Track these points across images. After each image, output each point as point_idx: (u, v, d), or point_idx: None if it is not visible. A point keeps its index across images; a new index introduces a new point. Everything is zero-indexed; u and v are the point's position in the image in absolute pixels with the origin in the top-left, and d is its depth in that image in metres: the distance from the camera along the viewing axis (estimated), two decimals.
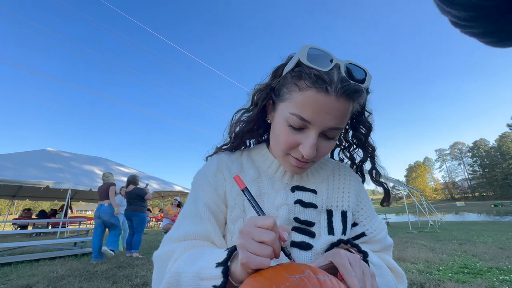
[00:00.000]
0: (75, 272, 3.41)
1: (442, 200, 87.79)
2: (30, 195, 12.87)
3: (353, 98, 0.47)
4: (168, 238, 0.54)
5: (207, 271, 0.41)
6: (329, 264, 0.44)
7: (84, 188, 9.28)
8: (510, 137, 70.96)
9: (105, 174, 4.94)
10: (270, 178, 0.60)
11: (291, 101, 0.50)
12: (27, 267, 3.83)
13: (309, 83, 0.46)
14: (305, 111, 0.47)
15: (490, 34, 0.28)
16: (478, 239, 6.41)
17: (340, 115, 0.48)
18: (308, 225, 0.55)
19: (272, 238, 0.36)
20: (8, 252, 4.76)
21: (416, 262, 3.78)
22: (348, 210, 0.60)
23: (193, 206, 0.57)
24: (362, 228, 0.61)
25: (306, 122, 0.48)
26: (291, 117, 0.49)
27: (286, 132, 0.51)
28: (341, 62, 0.48)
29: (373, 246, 0.60)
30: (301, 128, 0.49)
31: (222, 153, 0.66)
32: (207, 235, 0.53)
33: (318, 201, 0.58)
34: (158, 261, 0.51)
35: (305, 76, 0.47)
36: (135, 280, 2.99)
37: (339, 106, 0.47)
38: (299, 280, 0.34)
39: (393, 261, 0.59)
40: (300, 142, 0.50)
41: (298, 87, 0.48)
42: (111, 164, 12.96)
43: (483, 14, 0.25)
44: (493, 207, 40.07)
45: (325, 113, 0.47)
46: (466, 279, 2.88)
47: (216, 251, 0.45)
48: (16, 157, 9.49)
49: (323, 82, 0.45)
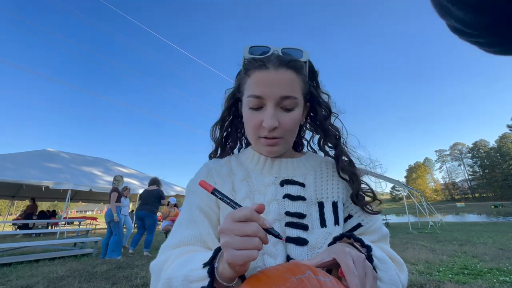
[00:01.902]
0: (75, 273, 3.41)
1: (442, 200, 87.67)
2: (30, 195, 12.86)
3: (291, 66, 0.55)
4: (164, 246, 0.55)
5: (195, 273, 0.41)
6: (332, 260, 0.43)
7: (84, 188, 9.27)
8: (510, 138, 70.95)
9: (116, 178, 5.20)
10: (259, 175, 0.62)
11: (247, 89, 0.58)
12: (27, 267, 3.83)
13: (252, 66, 0.57)
14: (255, 89, 0.55)
15: (500, 44, 0.25)
16: (478, 240, 6.40)
17: (285, 84, 0.54)
18: (299, 217, 0.55)
19: (255, 229, 0.36)
20: (8, 253, 4.75)
21: (416, 263, 3.77)
22: (338, 200, 0.60)
23: (187, 212, 0.59)
24: (358, 219, 0.61)
25: (259, 98, 0.55)
26: (248, 100, 0.56)
27: (249, 115, 0.57)
28: (278, 49, 0.58)
29: (371, 236, 0.60)
30: (260, 107, 0.56)
31: (211, 161, 0.69)
32: (201, 238, 0.54)
33: (307, 193, 0.59)
34: (154, 271, 0.52)
35: (249, 64, 0.58)
36: (134, 281, 2.98)
37: (280, 76, 0.54)
38: (299, 281, 0.34)
39: (392, 250, 0.59)
40: (262, 119, 0.55)
41: (248, 75, 0.58)
42: (111, 165, 12.96)
43: (496, 19, 0.23)
44: (494, 208, 40.03)
45: (270, 84, 0.54)
46: (466, 280, 2.88)
47: (206, 253, 0.45)
48: (16, 157, 9.48)
49: (262, 61, 0.55)
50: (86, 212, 59.89)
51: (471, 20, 0.24)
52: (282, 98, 0.54)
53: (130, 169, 13.48)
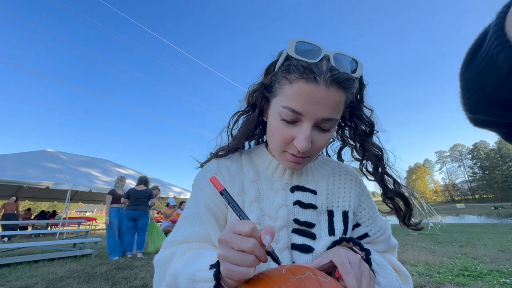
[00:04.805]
0: (74, 274, 3.40)
1: (442, 202, 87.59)
2: (30, 196, 12.85)
3: (343, 86, 0.46)
4: (168, 241, 0.54)
5: (201, 273, 0.40)
6: (329, 263, 0.44)
7: (83, 189, 9.27)
8: None
9: (116, 180, 5.27)
10: (269, 179, 0.59)
11: (282, 95, 0.49)
12: (26, 268, 3.82)
13: (297, 74, 0.46)
14: (296, 103, 0.47)
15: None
16: (478, 241, 6.39)
17: (331, 105, 0.47)
18: (308, 226, 0.54)
19: (251, 246, 0.33)
20: (7, 253, 4.74)
21: (416, 265, 3.77)
22: (349, 210, 0.58)
23: (194, 209, 0.57)
24: (365, 229, 0.60)
25: (298, 114, 0.48)
26: (283, 111, 0.49)
27: (280, 126, 0.50)
28: (330, 53, 0.48)
29: (377, 246, 0.59)
30: (294, 121, 0.49)
31: (220, 154, 0.65)
32: (207, 237, 0.52)
33: (318, 201, 0.57)
34: (159, 265, 0.51)
35: (294, 68, 0.47)
36: (134, 282, 2.97)
37: (329, 95, 0.46)
38: (299, 280, 0.34)
39: (398, 262, 0.58)
40: (294, 135, 0.49)
41: (288, 80, 0.48)
42: (110, 165, 12.97)
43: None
44: (494, 209, 39.97)
45: (315, 103, 0.46)
46: (467, 281, 2.87)
47: (213, 252, 0.44)
48: (16, 158, 9.50)
49: (312, 72, 0.45)
50: (85, 212, 59.83)
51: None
52: (323, 120, 0.48)
53: (129, 169, 13.48)
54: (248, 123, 0.61)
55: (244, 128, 0.62)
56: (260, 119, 0.62)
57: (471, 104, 0.25)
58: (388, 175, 0.58)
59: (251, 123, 0.60)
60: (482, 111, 0.24)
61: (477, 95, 0.24)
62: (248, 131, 0.62)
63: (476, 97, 0.24)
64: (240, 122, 0.64)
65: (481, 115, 0.25)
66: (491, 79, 0.22)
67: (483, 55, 0.23)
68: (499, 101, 0.22)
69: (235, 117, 0.64)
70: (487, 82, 0.22)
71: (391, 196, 0.57)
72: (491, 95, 0.22)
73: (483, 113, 0.24)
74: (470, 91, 0.24)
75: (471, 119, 0.26)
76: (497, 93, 0.22)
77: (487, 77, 0.22)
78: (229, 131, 0.65)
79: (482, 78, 0.22)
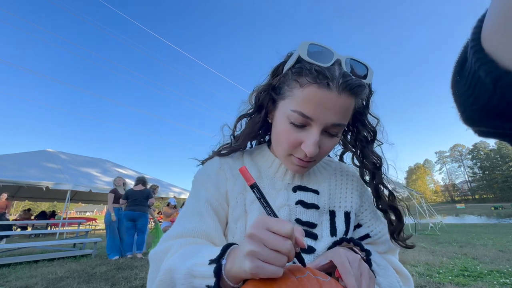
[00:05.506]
0: (74, 274, 3.40)
1: (442, 202, 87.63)
2: (29, 196, 12.85)
3: (355, 93, 0.46)
4: (166, 236, 0.52)
5: (200, 268, 0.38)
6: (329, 263, 0.44)
7: (83, 189, 9.26)
8: None
9: (114, 180, 5.37)
10: (271, 178, 0.59)
11: (292, 98, 0.49)
12: (26, 268, 3.82)
13: (310, 79, 0.46)
14: (306, 107, 0.46)
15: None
16: (478, 241, 6.39)
17: (342, 111, 0.47)
18: (310, 227, 0.54)
19: (289, 248, 0.32)
20: (7, 253, 4.74)
21: (416, 265, 3.77)
22: (351, 211, 0.58)
23: (194, 204, 0.55)
24: (367, 230, 0.60)
25: (308, 119, 0.47)
26: (293, 114, 0.48)
27: (287, 130, 0.50)
28: (342, 58, 0.47)
29: (378, 247, 0.59)
30: (303, 125, 0.48)
31: (222, 152, 0.64)
32: (207, 232, 0.50)
33: (320, 201, 0.57)
34: (154, 259, 0.49)
35: (306, 72, 0.46)
36: (134, 282, 2.98)
37: (341, 101, 0.46)
38: (299, 280, 0.35)
39: (399, 263, 0.57)
40: (302, 140, 0.49)
41: (299, 83, 0.47)
42: (110, 165, 12.96)
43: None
44: (494, 209, 39.97)
45: (326, 109, 0.46)
46: (467, 282, 2.87)
47: (213, 248, 0.43)
48: (16, 158, 9.49)
49: (325, 77, 0.45)
50: (85, 213, 59.78)
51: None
52: (332, 125, 0.48)
53: (129, 169, 13.48)
54: (253, 124, 0.60)
55: (248, 129, 0.61)
56: (264, 120, 0.61)
57: (468, 118, 0.25)
58: (384, 186, 0.57)
59: (256, 124, 0.59)
60: (483, 123, 0.24)
61: (471, 108, 0.23)
62: (253, 132, 0.61)
63: (471, 110, 0.23)
64: (243, 122, 0.63)
65: (483, 127, 0.24)
66: (481, 92, 0.21)
67: (468, 68, 0.22)
68: (496, 113, 0.22)
69: (242, 120, 0.64)
70: (477, 95, 0.22)
71: (384, 208, 0.56)
72: (485, 107, 0.22)
73: (484, 126, 0.24)
74: (464, 104, 0.24)
75: (476, 131, 0.26)
76: (490, 105, 0.21)
77: (477, 90, 0.22)
78: (232, 133, 0.65)
79: (473, 92, 0.22)
